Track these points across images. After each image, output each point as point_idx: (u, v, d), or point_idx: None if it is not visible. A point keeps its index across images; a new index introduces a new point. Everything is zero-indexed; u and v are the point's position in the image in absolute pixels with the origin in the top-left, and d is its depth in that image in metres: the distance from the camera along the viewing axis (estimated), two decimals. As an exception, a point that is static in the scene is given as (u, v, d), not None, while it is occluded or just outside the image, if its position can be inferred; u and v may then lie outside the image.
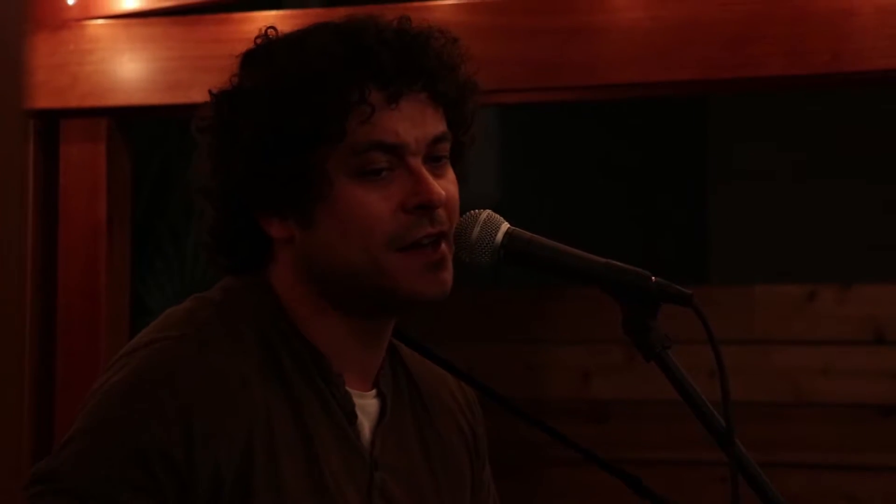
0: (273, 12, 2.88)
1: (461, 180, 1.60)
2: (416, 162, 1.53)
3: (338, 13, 2.86)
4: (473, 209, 1.59)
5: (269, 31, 1.60)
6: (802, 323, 4.25)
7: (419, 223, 1.52)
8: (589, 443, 1.91)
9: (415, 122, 1.54)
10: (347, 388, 1.57)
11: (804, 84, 2.73)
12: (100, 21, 2.97)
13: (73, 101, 2.97)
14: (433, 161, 1.55)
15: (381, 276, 1.52)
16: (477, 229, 1.57)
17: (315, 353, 1.55)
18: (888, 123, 5.22)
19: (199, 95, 2.87)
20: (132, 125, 3.05)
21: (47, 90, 2.97)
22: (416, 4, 2.79)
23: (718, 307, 4.10)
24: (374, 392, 1.61)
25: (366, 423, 1.58)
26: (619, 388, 4.31)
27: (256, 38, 1.60)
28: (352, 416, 1.56)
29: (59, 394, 2.95)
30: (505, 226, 1.58)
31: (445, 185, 1.55)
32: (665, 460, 4.27)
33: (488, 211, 1.59)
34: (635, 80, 2.68)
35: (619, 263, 1.55)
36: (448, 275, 1.55)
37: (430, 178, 1.53)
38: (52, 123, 3.02)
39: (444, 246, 1.54)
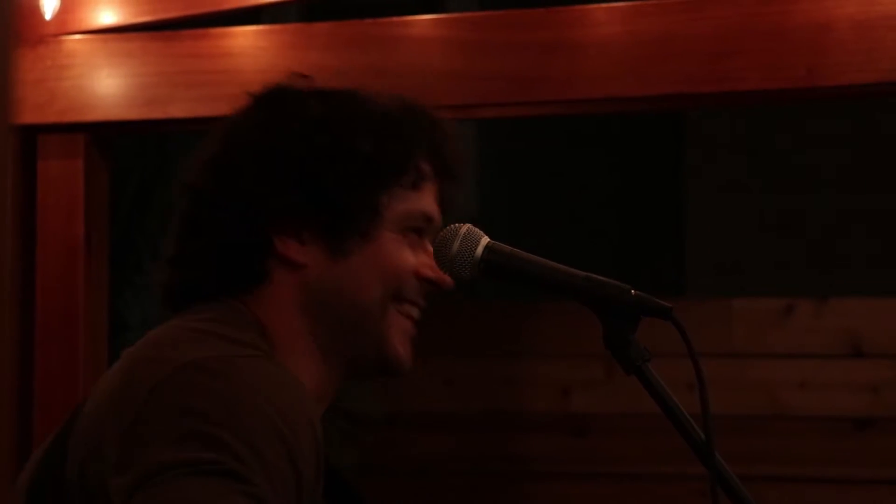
0: (251, 27, 2.88)
1: None
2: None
3: (317, 28, 2.88)
4: (453, 223, 1.60)
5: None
6: (780, 336, 4.27)
7: (419, 292, 1.60)
8: (568, 457, 1.91)
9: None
10: None
11: (781, 98, 2.74)
12: (77, 36, 2.97)
13: (50, 117, 2.96)
14: None
15: (382, 325, 1.58)
16: (457, 243, 1.58)
17: None
18: (865, 137, 5.24)
19: (177, 110, 2.90)
20: (110, 141, 3.05)
21: (25, 106, 2.96)
22: (396, 20, 2.79)
23: (696, 321, 4.10)
24: None
25: None
26: (599, 402, 4.32)
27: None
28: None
29: (38, 411, 2.93)
30: (485, 240, 1.59)
31: None
32: (644, 474, 4.27)
33: (468, 225, 1.60)
34: (613, 94, 2.69)
35: (599, 277, 1.56)
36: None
37: None
38: (29, 139, 3.01)
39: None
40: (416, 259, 1.59)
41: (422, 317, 1.61)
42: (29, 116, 2.97)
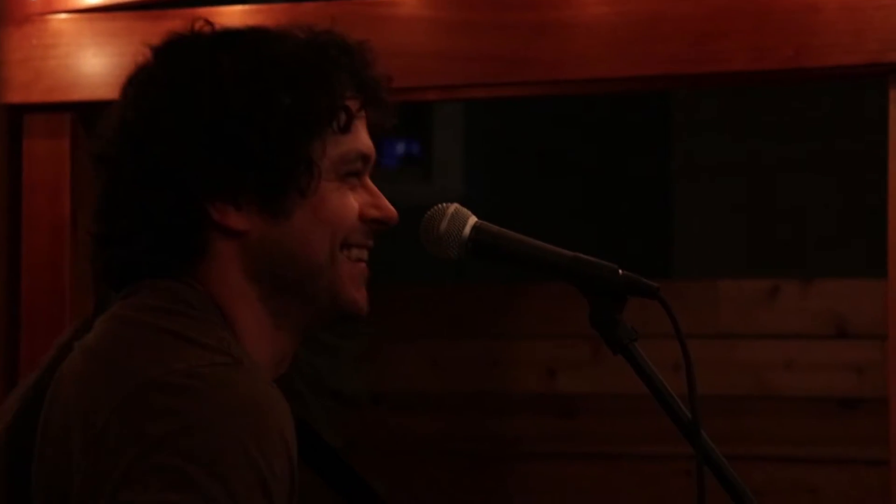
0: (238, 7, 2.87)
1: None
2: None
3: (304, 8, 2.86)
4: (440, 203, 1.60)
5: (202, 24, 1.55)
6: (766, 317, 4.28)
7: (367, 234, 1.55)
8: (555, 437, 1.91)
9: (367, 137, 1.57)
10: None
11: (768, 79, 2.75)
12: (63, 15, 2.96)
13: (36, 96, 2.96)
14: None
15: (334, 276, 1.52)
16: (445, 223, 1.58)
17: None
18: (851, 119, 5.25)
19: (164, 90, 2.87)
20: (96, 120, 3.04)
21: (10, 85, 2.95)
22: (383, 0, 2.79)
23: (682, 301, 4.12)
24: None
25: None
26: (585, 382, 4.33)
27: (195, 26, 1.54)
28: None
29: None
30: (473, 219, 1.59)
31: None
32: (631, 454, 4.28)
33: (456, 205, 1.60)
34: (601, 75, 2.69)
35: (586, 257, 1.56)
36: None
37: None
38: (15, 119, 3.00)
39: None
40: (359, 201, 1.53)
41: (408, 298, 1.60)
42: (14, 96, 2.96)
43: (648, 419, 4.14)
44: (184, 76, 1.50)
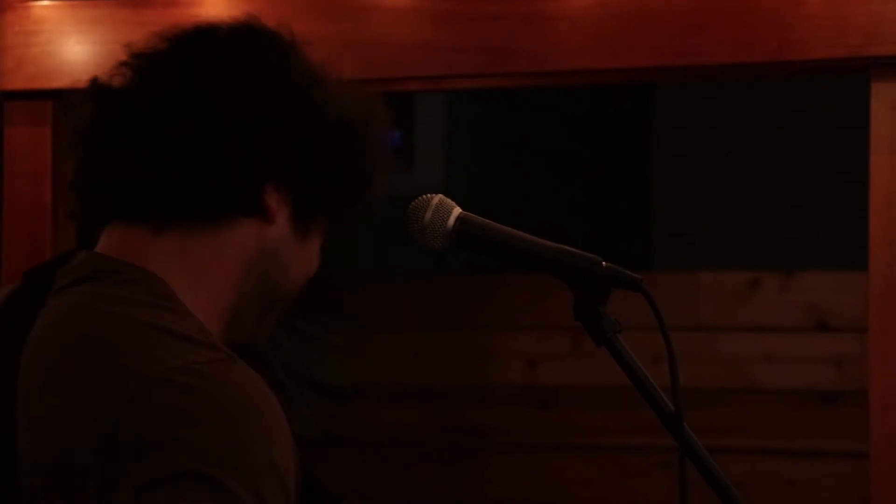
0: (221, -4, 2.87)
1: None
2: None
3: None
4: (424, 194, 1.60)
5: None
6: (746, 310, 4.30)
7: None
8: (535, 429, 1.92)
9: None
10: None
11: (751, 73, 2.75)
12: (45, 2, 2.94)
13: (17, 84, 2.94)
14: None
15: (277, 313, 1.59)
16: (429, 213, 1.58)
17: None
18: (832, 112, 5.27)
19: (146, 79, 2.86)
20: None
21: (-9, 72, 2.94)
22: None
23: (663, 293, 4.13)
24: None
25: None
26: (565, 374, 4.34)
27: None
28: None
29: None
30: (457, 210, 1.59)
31: None
32: (610, 446, 4.29)
33: (440, 195, 1.60)
34: (585, 66, 2.69)
35: (570, 248, 1.57)
36: None
37: None
38: (-4, 106, 2.99)
39: None
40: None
41: (389, 290, 1.62)
42: (-5, 83, 2.95)
43: (628, 411, 4.16)
44: (267, 81, 1.52)
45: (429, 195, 1.60)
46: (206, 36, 1.57)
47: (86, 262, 1.51)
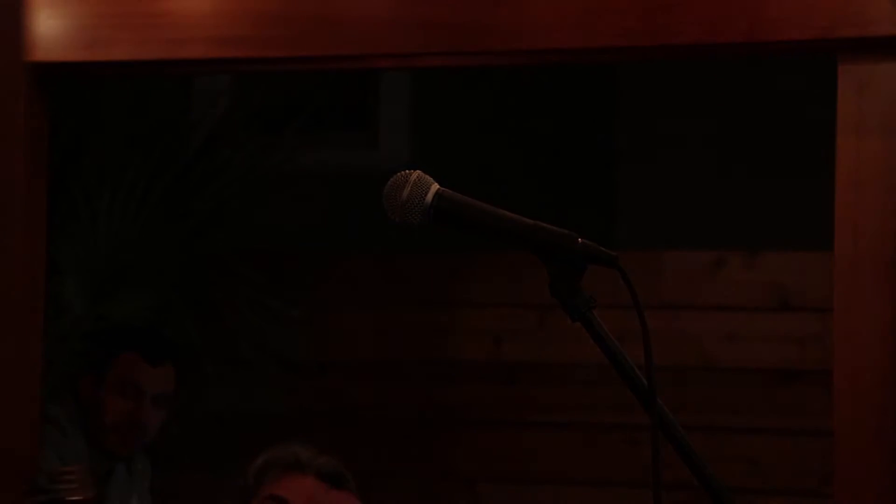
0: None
1: None
2: None
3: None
4: (399, 171, 1.61)
5: None
6: (709, 289, 4.33)
7: None
8: (499, 405, 1.93)
9: None
10: None
11: (721, 53, 2.76)
12: (15, -24, 2.92)
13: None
14: None
15: None
16: (407, 190, 1.59)
17: None
18: (797, 92, 5.30)
19: (120, 53, 2.86)
20: (51, 82, 3.02)
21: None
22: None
23: (627, 272, 4.15)
24: None
25: None
26: (530, 351, 4.36)
27: None
28: None
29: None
30: (435, 186, 1.61)
31: None
32: (574, 422, 4.32)
33: (418, 172, 1.61)
34: (556, 46, 2.70)
35: (546, 225, 1.59)
36: None
37: None
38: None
39: None
40: None
41: (354, 267, 1.61)
42: (-35, 55, 2.93)
43: (593, 388, 4.18)
44: None
45: (407, 171, 1.61)
46: None
47: None
